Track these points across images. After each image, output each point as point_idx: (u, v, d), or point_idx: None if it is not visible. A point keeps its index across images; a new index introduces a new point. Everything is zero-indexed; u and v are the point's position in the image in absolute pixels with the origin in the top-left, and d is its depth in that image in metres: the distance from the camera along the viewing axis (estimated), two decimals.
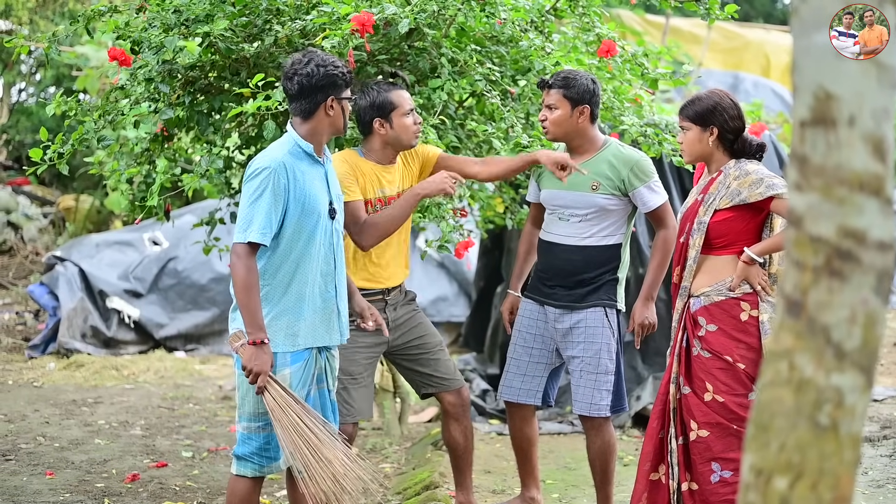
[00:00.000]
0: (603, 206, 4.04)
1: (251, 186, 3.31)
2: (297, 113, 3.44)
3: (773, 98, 11.82)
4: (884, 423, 5.95)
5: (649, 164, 4.07)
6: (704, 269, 3.68)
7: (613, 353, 4.09)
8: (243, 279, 3.26)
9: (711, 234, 3.64)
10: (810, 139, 1.64)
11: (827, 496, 1.64)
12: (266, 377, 3.27)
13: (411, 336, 4.06)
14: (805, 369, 1.64)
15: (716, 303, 3.64)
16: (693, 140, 3.70)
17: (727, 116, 3.65)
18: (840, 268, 1.62)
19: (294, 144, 3.40)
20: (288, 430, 3.27)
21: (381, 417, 6.03)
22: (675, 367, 3.68)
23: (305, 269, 3.38)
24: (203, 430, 5.95)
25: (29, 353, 7.81)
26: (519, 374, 4.20)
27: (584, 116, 4.04)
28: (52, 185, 11.93)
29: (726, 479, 3.56)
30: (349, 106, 3.49)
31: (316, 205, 3.38)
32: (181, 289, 8.39)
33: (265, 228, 3.27)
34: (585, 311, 4.08)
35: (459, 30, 4.32)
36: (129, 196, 4.66)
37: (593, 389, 4.05)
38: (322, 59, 3.40)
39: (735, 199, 3.60)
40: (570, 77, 4.03)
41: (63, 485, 4.76)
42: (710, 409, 3.59)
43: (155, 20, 4.17)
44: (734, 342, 3.60)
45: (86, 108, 4.42)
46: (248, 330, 3.26)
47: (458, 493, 4.22)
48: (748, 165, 3.65)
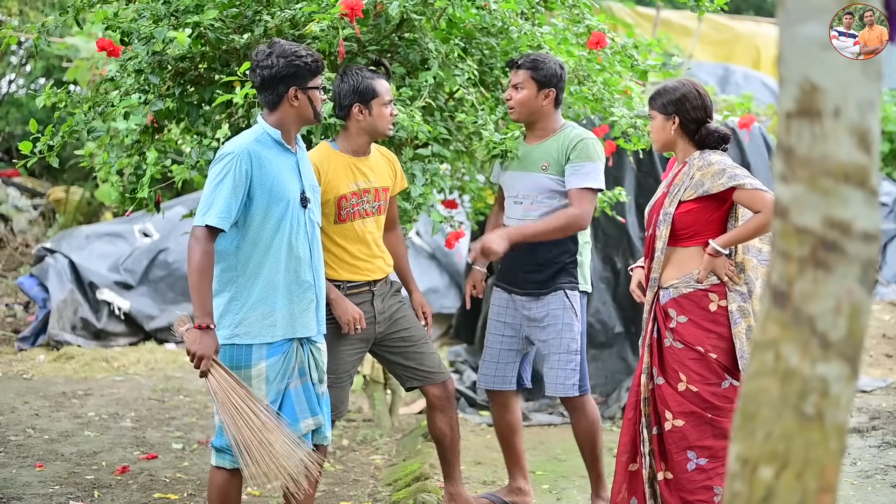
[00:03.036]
0: (550, 188, 4.11)
1: (215, 171, 3.32)
2: (263, 104, 3.44)
3: (763, 90, 11.85)
4: (872, 414, 5.99)
5: (592, 147, 4.10)
6: (672, 260, 3.73)
7: (577, 334, 4.16)
8: (198, 262, 3.26)
9: (677, 225, 3.69)
10: (796, 130, 1.65)
11: (812, 485, 1.65)
12: (209, 361, 3.27)
13: (396, 328, 4.06)
14: (790, 359, 1.65)
15: (685, 294, 3.68)
16: (657, 128, 3.78)
17: (689, 106, 3.71)
18: (825, 258, 1.63)
19: (262, 132, 3.40)
20: (230, 412, 3.27)
21: (371, 409, 6.03)
22: (647, 358, 3.72)
23: (276, 256, 3.37)
24: (193, 421, 5.95)
25: (19, 345, 7.79)
26: (493, 361, 4.30)
27: (549, 99, 4.11)
28: (42, 176, 11.89)
29: (702, 466, 3.62)
30: (319, 95, 3.46)
31: (284, 192, 3.37)
32: (172, 280, 8.38)
33: (223, 213, 3.27)
34: (548, 295, 4.16)
35: (449, 21, 4.32)
36: (119, 188, 4.65)
37: (558, 369, 4.14)
38: (283, 50, 3.38)
39: (699, 191, 3.65)
40: (539, 59, 4.09)
41: (53, 477, 4.76)
42: (685, 399, 3.64)
43: (144, 11, 4.16)
44: (705, 333, 3.64)
45: (76, 99, 4.40)
46: (196, 313, 3.27)
47: (447, 484, 4.23)
48: (711, 157, 3.70)
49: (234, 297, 3.37)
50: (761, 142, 6.98)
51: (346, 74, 3.87)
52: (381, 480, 4.92)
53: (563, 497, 4.65)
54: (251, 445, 3.27)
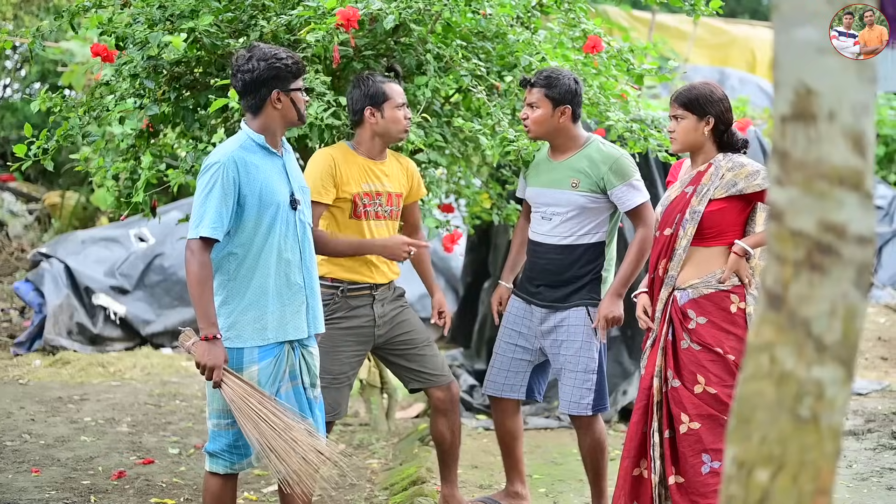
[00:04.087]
0: (582, 205, 4.05)
1: (202, 182, 3.32)
2: (246, 109, 3.44)
3: (758, 94, 11.87)
4: (868, 417, 5.99)
5: (629, 163, 4.06)
6: (693, 261, 3.70)
7: (595, 352, 4.09)
8: (196, 274, 3.26)
9: (704, 224, 3.67)
10: (791, 134, 1.65)
11: (808, 488, 1.65)
12: (221, 371, 3.27)
13: (399, 331, 4.06)
14: (786, 362, 1.65)
15: (705, 295, 3.66)
16: (688, 129, 3.71)
17: (723, 108, 3.70)
18: (820, 261, 1.63)
19: (246, 138, 3.40)
20: (251, 418, 3.27)
21: (368, 413, 6.03)
22: (661, 361, 3.69)
23: (267, 261, 3.38)
24: (190, 426, 5.94)
25: (14, 350, 7.77)
26: (503, 369, 4.22)
27: (566, 116, 4.05)
28: (38, 181, 11.88)
29: (716, 469, 3.59)
30: (301, 96, 3.46)
31: (274, 196, 3.37)
32: (168, 285, 8.37)
33: (216, 223, 3.27)
34: (568, 310, 4.10)
35: (445, 25, 4.32)
36: (114, 192, 4.65)
37: (573, 388, 4.07)
38: (264, 53, 3.38)
39: (731, 190, 3.63)
40: (553, 77, 4.03)
41: (49, 482, 4.75)
42: (702, 402, 3.61)
43: (140, 15, 4.16)
44: (725, 334, 3.62)
45: (71, 104, 4.40)
46: (201, 325, 3.27)
47: (443, 486, 4.23)
48: (741, 158, 3.71)
49: (226, 301, 3.37)
50: (757, 145, 6.99)
51: (357, 81, 3.91)
52: (377, 484, 4.92)
53: (559, 501, 4.64)
54: (278, 447, 3.27)
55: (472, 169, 5.24)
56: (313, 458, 3.30)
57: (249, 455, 3.44)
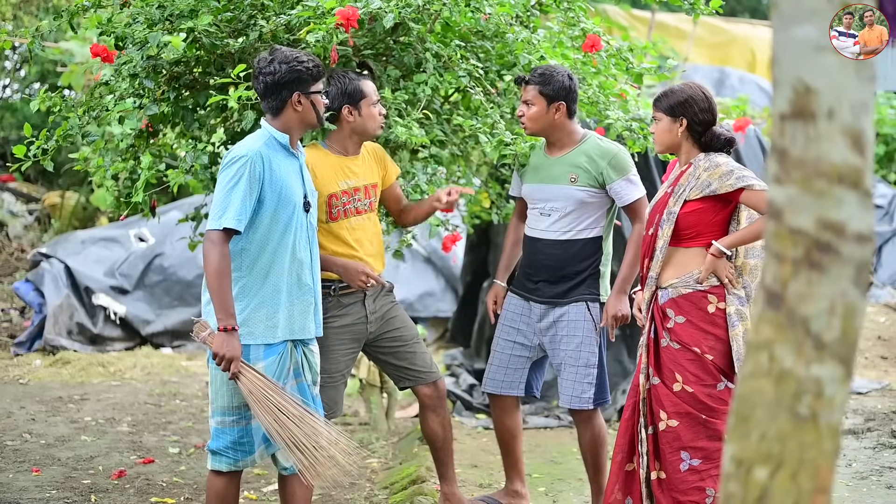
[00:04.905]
0: (581, 199, 4.08)
1: (228, 174, 3.33)
2: (267, 110, 3.48)
3: (758, 93, 11.86)
4: (868, 416, 6.00)
5: (627, 158, 4.11)
6: (672, 261, 3.73)
7: (595, 347, 4.12)
8: (216, 265, 3.27)
9: (680, 225, 3.69)
10: (790, 132, 1.66)
11: (807, 486, 1.65)
12: (239, 363, 3.28)
13: (389, 327, 4.07)
14: (785, 360, 1.65)
15: (683, 295, 3.68)
16: (663, 130, 3.77)
17: (697, 109, 3.72)
18: (819, 260, 1.63)
19: (270, 136, 3.44)
20: (269, 410, 3.28)
21: (367, 412, 6.03)
22: (644, 358, 3.73)
23: (282, 259, 3.40)
24: (190, 426, 5.94)
25: (15, 350, 7.78)
26: (501, 366, 4.24)
27: (561, 112, 4.08)
28: (38, 181, 11.88)
29: (695, 466, 3.62)
30: (321, 99, 3.49)
31: (292, 196, 3.41)
32: (167, 285, 8.37)
33: (240, 215, 3.29)
34: (568, 305, 4.12)
35: (444, 24, 4.32)
36: (114, 192, 4.65)
37: (575, 382, 4.10)
38: (285, 56, 3.42)
39: (705, 191, 3.65)
40: (547, 74, 4.06)
41: (49, 481, 4.75)
42: (680, 399, 3.64)
43: (139, 15, 4.16)
44: (702, 334, 3.64)
45: (70, 104, 4.40)
46: (219, 316, 3.27)
47: (442, 485, 4.23)
48: (718, 158, 3.72)
49: (239, 297, 3.38)
50: (756, 144, 6.99)
51: (332, 78, 3.91)
52: (377, 484, 4.92)
53: (559, 500, 4.65)
54: (299, 439, 3.29)
55: (472, 168, 5.24)
56: (333, 448, 3.31)
57: (253, 452, 3.45)
